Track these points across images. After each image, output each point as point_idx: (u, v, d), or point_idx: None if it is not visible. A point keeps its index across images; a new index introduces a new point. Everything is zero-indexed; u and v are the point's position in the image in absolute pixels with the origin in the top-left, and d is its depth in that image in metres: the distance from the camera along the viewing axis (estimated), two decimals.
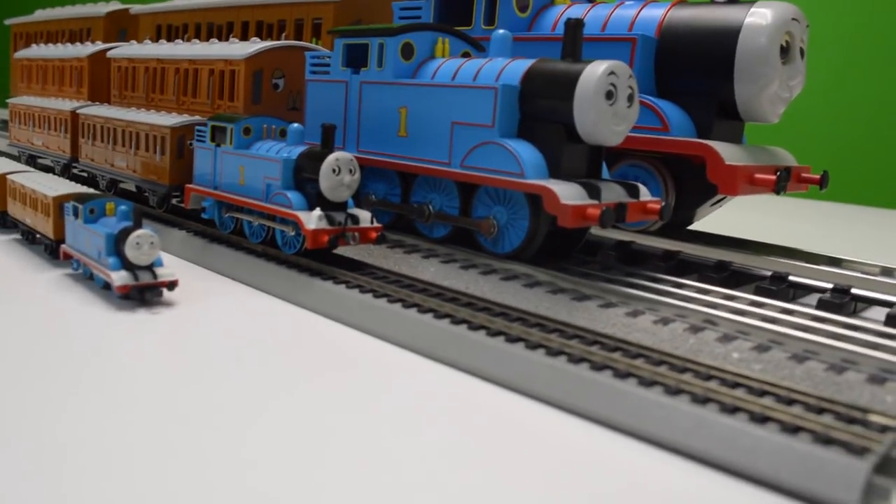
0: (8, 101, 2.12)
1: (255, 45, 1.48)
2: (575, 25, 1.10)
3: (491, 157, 1.10)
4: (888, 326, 1.04)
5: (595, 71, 1.04)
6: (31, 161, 2.03)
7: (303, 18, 1.87)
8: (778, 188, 1.28)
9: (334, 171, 1.07)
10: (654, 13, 1.43)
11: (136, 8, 2.36)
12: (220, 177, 1.22)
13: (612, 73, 1.04)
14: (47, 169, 1.94)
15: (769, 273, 1.33)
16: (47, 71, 2.23)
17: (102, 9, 2.49)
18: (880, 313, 1.16)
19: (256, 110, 1.49)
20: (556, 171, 1.09)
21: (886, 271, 1.36)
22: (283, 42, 1.51)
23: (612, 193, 1.08)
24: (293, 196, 1.09)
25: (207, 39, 2.09)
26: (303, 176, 1.10)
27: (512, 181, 1.06)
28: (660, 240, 1.47)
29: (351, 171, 1.09)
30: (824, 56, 3.40)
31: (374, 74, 1.27)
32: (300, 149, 1.13)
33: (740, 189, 1.27)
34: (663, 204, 1.13)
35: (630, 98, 1.08)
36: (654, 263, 1.39)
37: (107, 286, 1.03)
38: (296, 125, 1.17)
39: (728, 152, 1.30)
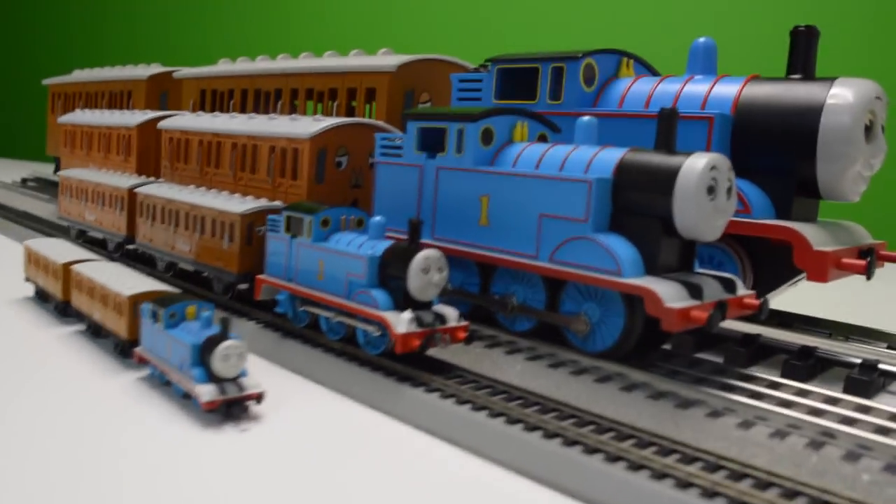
0: (59, 173, 2.10)
1: (319, 123, 1.46)
2: (670, 115, 1.06)
3: (584, 252, 1.06)
4: None
5: (696, 166, 1.00)
6: (81, 235, 2.01)
7: (356, 87, 1.85)
8: (869, 273, 1.24)
9: (424, 270, 1.03)
10: (729, 89, 1.40)
11: (180, 72, 2.35)
12: (297, 269, 1.18)
13: (713, 167, 1.01)
14: (97, 243, 1.91)
15: (858, 360, 1.28)
16: (93, 137, 2.22)
17: (144, 71, 2.49)
18: None
19: (320, 189, 1.46)
20: (652, 267, 1.05)
21: None
22: (347, 119, 1.49)
23: (712, 290, 1.04)
24: (378, 295, 1.05)
25: (255, 106, 2.08)
26: (388, 273, 1.06)
27: (609, 280, 1.02)
28: (736, 322, 1.42)
29: (440, 269, 1.05)
30: None
31: (452, 160, 1.23)
32: (384, 244, 1.10)
33: (830, 276, 1.22)
34: (762, 300, 1.08)
35: (729, 191, 1.04)
36: (734, 349, 1.35)
37: (187, 396, 0.99)
38: (378, 218, 1.13)
39: (815, 236, 1.26)
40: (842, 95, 1.28)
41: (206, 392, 0.93)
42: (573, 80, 1.49)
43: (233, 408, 0.95)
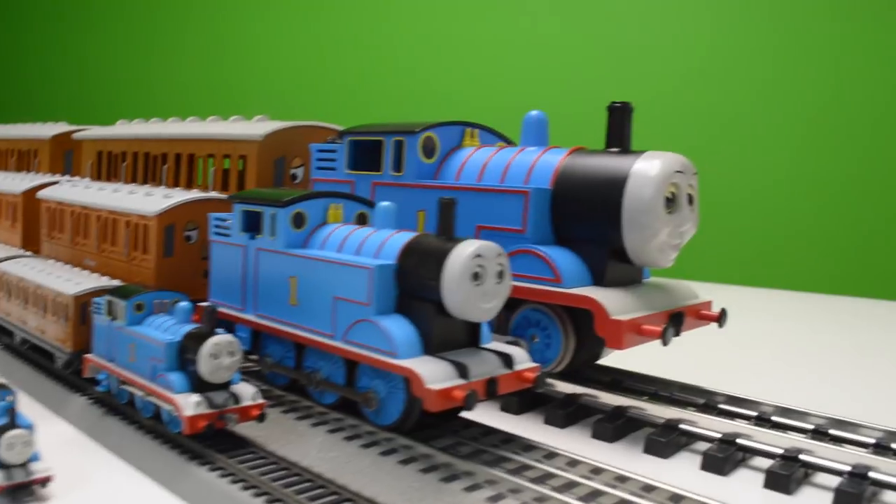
0: None
1: (167, 201, 1.53)
2: (447, 205, 1.14)
3: (368, 334, 1.13)
4: None
5: (461, 255, 1.08)
6: None
7: (230, 154, 1.93)
8: (665, 339, 1.31)
9: (213, 355, 1.10)
10: (551, 161, 1.49)
11: (79, 133, 2.42)
12: (115, 350, 1.25)
13: (478, 255, 1.09)
14: None
15: (662, 420, 1.36)
16: None
17: (49, 130, 2.55)
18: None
19: (169, 262, 1.53)
20: (429, 347, 1.12)
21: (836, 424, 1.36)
22: (195, 196, 1.56)
23: (484, 367, 1.11)
24: (175, 378, 1.12)
25: (145, 170, 2.15)
26: (185, 357, 1.13)
27: (384, 361, 1.09)
28: (563, 383, 1.50)
29: (231, 353, 1.12)
30: (784, 137, 3.50)
31: (267, 242, 1.31)
32: (187, 328, 1.16)
33: (626, 343, 1.30)
34: (538, 374, 1.16)
35: (500, 275, 1.12)
36: (553, 410, 1.42)
37: None
38: (183, 304, 1.20)
39: (616, 303, 1.34)
40: (644, 169, 1.37)
41: None
42: (412, 152, 1.58)
43: (17, 493, 1.01)
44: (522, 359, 1.17)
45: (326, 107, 4.49)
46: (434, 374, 1.05)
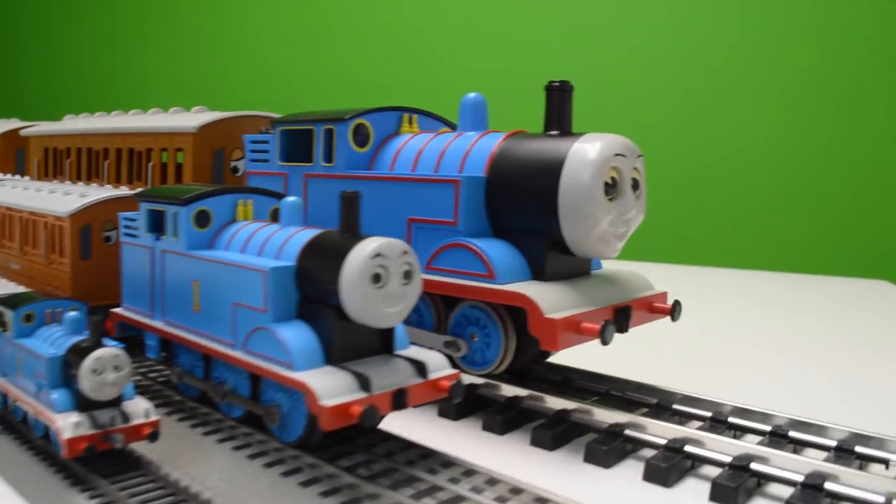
0: None
1: (82, 200, 1.44)
2: (349, 199, 1.04)
3: (265, 343, 1.04)
4: None
5: (359, 254, 0.98)
6: None
7: (167, 147, 1.83)
8: (604, 338, 1.21)
9: (94, 371, 1.01)
10: (486, 146, 1.38)
11: (26, 130, 2.33)
12: (5, 364, 1.16)
13: (378, 255, 0.98)
14: None
15: (606, 425, 1.26)
16: None
17: None
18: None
19: (86, 265, 1.44)
20: (332, 356, 1.02)
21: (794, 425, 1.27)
22: (112, 194, 1.47)
23: (392, 377, 1.01)
24: (57, 396, 1.03)
25: (88, 167, 2.06)
26: (69, 373, 1.04)
27: (279, 374, 1.00)
28: (508, 385, 1.40)
29: (116, 367, 1.02)
30: (767, 114, 3.39)
31: (171, 243, 1.21)
32: (74, 340, 1.07)
33: (561, 343, 1.19)
34: (453, 383, 1.06)
35: (407, 275, 1.02)
36: (491, 416, 1.32)
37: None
38: (72, 314, 1.11)
39: (552, 299, 1.23)
40: (581, 152, 1.26)
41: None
42: (344, 141, 1.47)
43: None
44: (438, 366, 1.07)
45: (297, 98, 4.41)
46: (330, 387, 0.95)
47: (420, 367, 1.05)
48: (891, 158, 3.22)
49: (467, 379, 1.43)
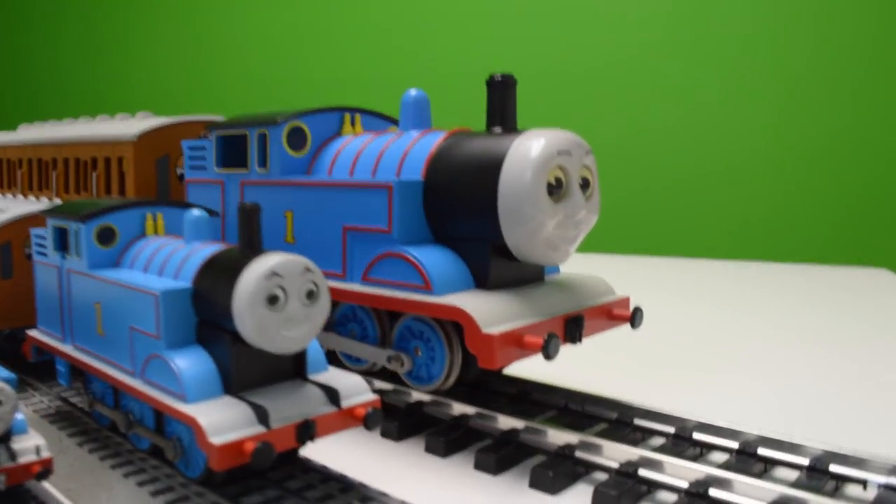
0: None
1: (1, 215, 1.36)
2: (250, 210, 0.94)
3: (160, 371, 0.94)
4: None
5: (252, 274, 0.88)
6: None
7: (110, 156, 1.75)
8: (547, 352, 1.10)
9: None
10: (425, 147, 1.28)
11: None
12: None
13: (274, 274, 0.88)
14: None
15: (555, 447, 1.15)
16: None
17: None
18: None
19: (7, 286, 1.36)
20: (231, 386, 0.93)
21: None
22: (33, 209, 1.38)
23: (297, 408, 0.92)
24: None
25: (39, 177, 1.98)
26: None
27: (171, 406, 0.90)
28: (456, 402, 1.30)
29: (3, 402, 0.94)
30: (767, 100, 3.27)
31: (74, 263, 1.12)
32: None
33: (499, 360, 1.09)
34: (369, 411, 0.96)
35: (310, 295, 0.92)
36: (434, 437, 1.23)
37: None
38: None
39: (492, 312, 1.13)
40: (521, 151, 1.15)
41: None
42: (277, 145, 1.38)
43: None
44: (354, 391, 0.97)
45: (278, 99, 4.32)
46: (221, 422, 0.86)
47: (332, 394, 0.95)
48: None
49: (415, 396, 1.33)
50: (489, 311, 1.12)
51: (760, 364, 1.79)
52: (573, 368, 1.46)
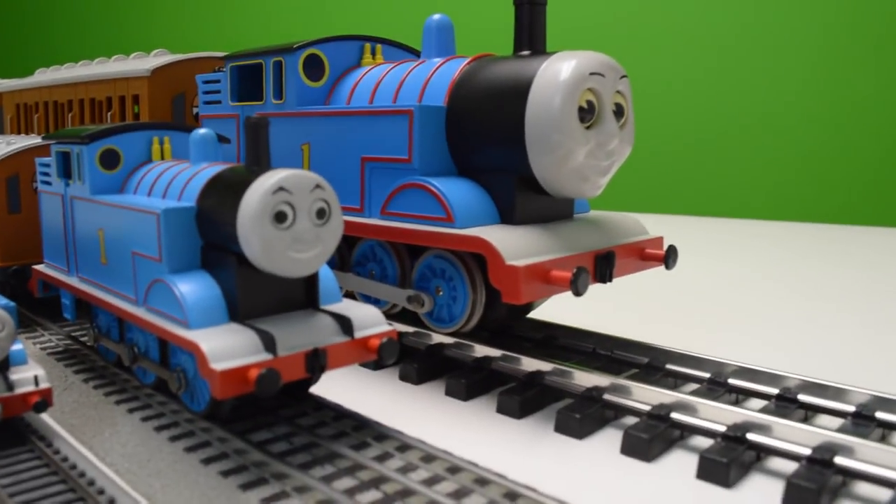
0: None
1: (7, 148, 1.31)
2: (256, 125, 0.87)
3: (163, 297, 0.89)
4: None
5: (257, 189, 0.81)
6: None
7: (125, 94, 1.69)
8: (577, 287, 1.03)
9: None
10: (448, 73, 1.20)
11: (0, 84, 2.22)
12: None
13: (281, 189, 0.82)
14: None
15: (582, 389, 1.08)
16: None
17: None
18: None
19: (16, 219, 1.32)
20: (237, 312, 0.87)
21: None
22: (30, 143, 1.33)
23: (308, 336, 0.85)
24: None
25: (55, 119, 1.94)
26: None
27: (173, 333, 0.85)
28: (480, 345, 1.22)
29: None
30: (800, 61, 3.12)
31: (78, 188, 1.07)
32: None
33: (524, 294, 1.02)
34: (384, 341, 0.89)
35: (321, 214, 0.85)
36: (454, 380, 1.16)
37: None
38: None
39: (518, 245, 1.06)
40: (550, 72, 1.07)
41: None
42: (294, 74, 1.31)
43: None
44: (369, 322, 0.91)
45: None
46: (224, 348, 0.80)
47: (345, 324, 0.89)
48: None
49: (436, 338, 1.27)
50: (514, 244, 1.05)
51: (799, 316, 1.70)
52: (601, 317, 1.39)
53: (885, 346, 1.45)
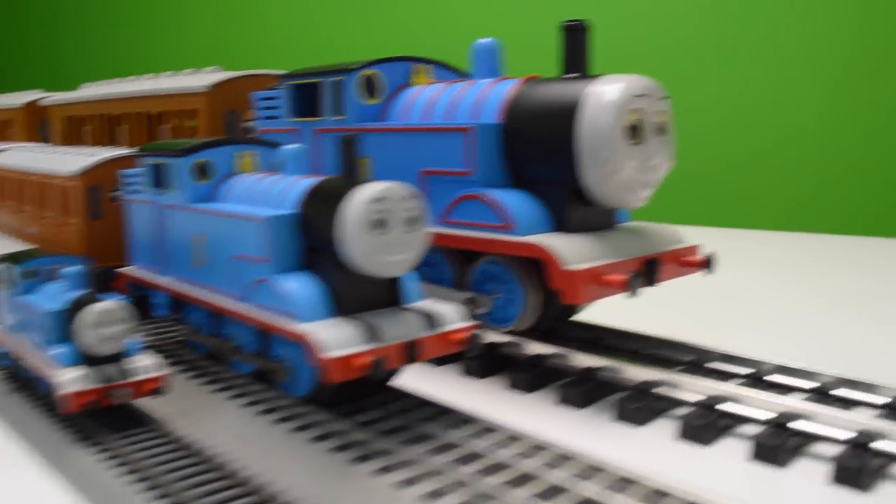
0: None
1: (90, 159, 1.40)
2: (348, 142, 0.98)
3: (269, 295, 0.98)
4: None
5: (358, 199, 0.92)
6: None
7: (180, 109, 1.79)
8: (631, 289, 1.13)
9: (95, 325, 0.96)
10: (500, 93, 1.31)
11: (46, 98, 2.32)
12: (7, 321, 1.13)
13: (379, 199, 0.92)
14: None
15: (636, 383, 1.18)
16: None
17: (21, 98, 2.46)
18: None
19: (99, 225, 1.41)
20: (337, 308, 0.97)
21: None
22: (118, 153, 1.43)
23: (402, 329, 0.95)
24: (57, 351, 0.99)
25: (107, 133, 2.03)
26: (71, 328, 1.00)
27: (279, 326, 0.94)
28: (534, 343, 1.32)
29: (122, 320, 0.98)
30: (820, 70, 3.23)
31: (172, 197, 1.17)
32: (74, 295, 1.03)
33: (583, 296, 1.12)
34: (469, 335, 0.99)
35: (412, 222, 0.95)
36: (517, 374, 1.26)
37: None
38: (73, 268, 1.07)
39: (573, 251, 1.16)
40: (599, 93, 1.18)
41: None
42: (352, 93, 1.41)
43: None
44: (452, 318, 1.01)
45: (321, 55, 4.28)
46: (334, 338, 0.90)
47: (432, 320, 0.99)
48: None
49: (491, 337, 1.37)
50: (570, 250, 1.16)
51: (835, 318, 1.78)
52: (642, 316, 1.49)
53: None
